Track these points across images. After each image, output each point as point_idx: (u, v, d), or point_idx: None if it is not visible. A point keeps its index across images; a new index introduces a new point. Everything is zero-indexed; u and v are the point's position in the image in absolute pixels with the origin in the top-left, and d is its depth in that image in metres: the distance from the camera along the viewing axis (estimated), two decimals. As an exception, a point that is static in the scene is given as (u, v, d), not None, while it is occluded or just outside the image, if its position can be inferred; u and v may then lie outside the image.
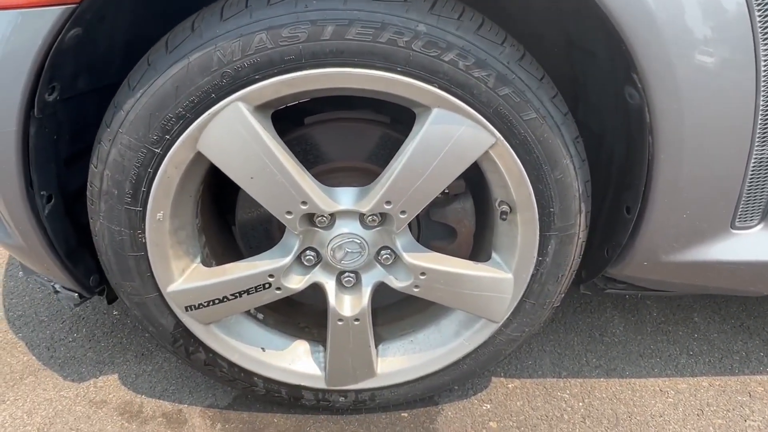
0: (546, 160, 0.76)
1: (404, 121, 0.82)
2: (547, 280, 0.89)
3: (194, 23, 0.68)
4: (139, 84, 0.69)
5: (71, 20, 0.62)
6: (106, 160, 0.74)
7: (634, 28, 0.65)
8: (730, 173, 0.79)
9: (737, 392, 1.15)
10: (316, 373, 0.99)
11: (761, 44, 0.70)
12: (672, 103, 0.70)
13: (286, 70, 0.67)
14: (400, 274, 0.89)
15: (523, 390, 1.13)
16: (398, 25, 0.65)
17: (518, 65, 0.70)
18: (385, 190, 0.78)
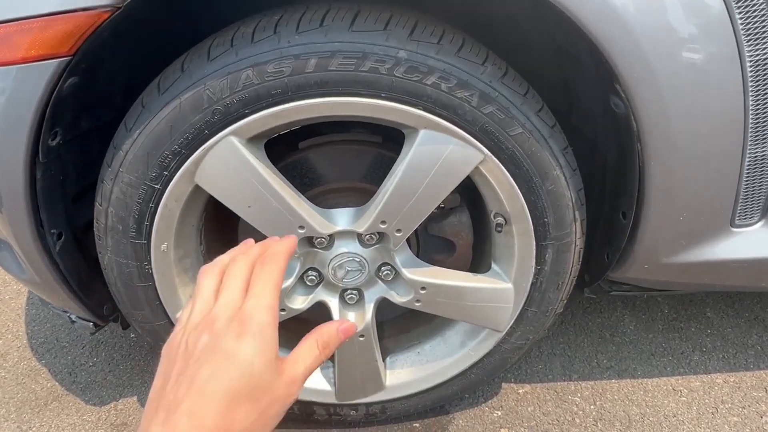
0: (536, 172, 0.77)
1: (397, 139, 0.84)
2: (547, 288, 0.89)
3: (183, 64, 0.70)
4: (135, 125, 0.72)
5: (67, 71, 0.65)
6: (109, 198, 0.77)
7: (611, 40, 0.65)
8: (725, 173, 0.79)
9: (752, 388, 1.14)
10: (326, 389, 1.01)
11: (745, 44, 0.69)
12: (657, 111, 0.70)
13: (273, 103, 0.69)
14: (401, 290, 0.91)
15: (534, 395, 1.14)
16: (379, 54, 0.67)
17: (501, 83, 0.71)
18: (379, 211, 0.79)
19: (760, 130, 0.75)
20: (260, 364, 0.38)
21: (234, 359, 0.38)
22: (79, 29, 0.61)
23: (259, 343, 0.39)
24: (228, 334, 0.39)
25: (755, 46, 0.70)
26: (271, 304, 0.41)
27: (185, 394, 0.37)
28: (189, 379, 0.37)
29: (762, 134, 0.76)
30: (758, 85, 0.72)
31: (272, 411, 0.39)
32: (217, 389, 0.37)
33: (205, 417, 0.36)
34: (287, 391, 0.40)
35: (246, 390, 0.37)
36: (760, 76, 0.72)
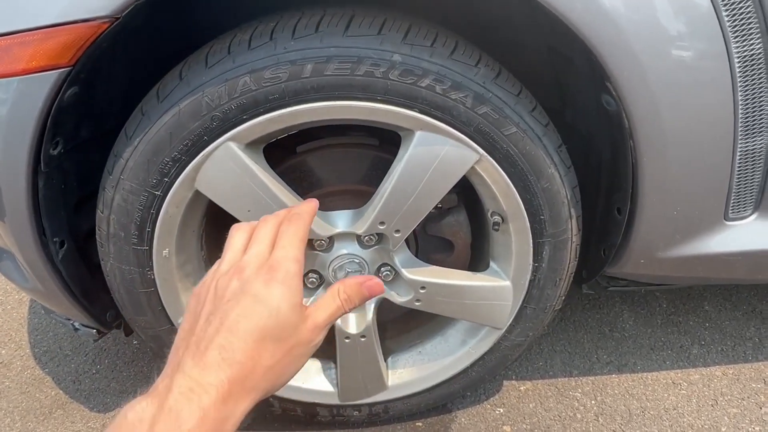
0: (531, 170, 0.78)
1: (394, 141, 0.85)
2: (545, 284, 0.90)
3: (182, 72, 0.71)
4: (135, 133, 0.73)
5: (67, 81, 0.66)
6: (111, 206, 0.78)
7: (601, 39, 0.66)
8: (717, 168, 0.80)
9: (751, 380, 1.15)
10: (329, 390, 1.02)
11: (732, 40, 0.71)
12: (648, 108, 0.71)
13: (271, 108, 0.70)
14: (401, 290, 0.92)
15: (536, 391, 1.15)
16: (374, 58, 0.68)
17: (494, 84, 0.73)
18: (378, 212, 0.80)
19: (750, 125, 0.77)
20: (286, 308, 0.41)
21: (262, 302, 0.41)
22: (79, 40, 0.62)
23: (286, 289, 0.41)
24: (257, 279, 0.42)
25: (742, 42, 0.72)
26: (296, 256, 0.44)
27: (216, 331, 0.39)
28: (219, 319, 0.40)
29: (752, 128, 0.77)
30: (747, 81, 0.74)
31: (296, 352, 0.42)
32: (247, 328, 0.39)
33: (235, 351, 0.39)
34: (310, 336, 0.43)
35: (273, 331, 0.40)
36: (748, 71, 0.73)
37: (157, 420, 0.36)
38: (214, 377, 0.38)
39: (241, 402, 0.39)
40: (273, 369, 0.40)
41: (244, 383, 0.39)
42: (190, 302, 0.44)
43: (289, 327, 0.41)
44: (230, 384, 0.38)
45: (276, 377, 0.41)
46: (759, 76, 0.74)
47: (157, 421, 0.36)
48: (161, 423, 0.36)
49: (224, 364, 0.38)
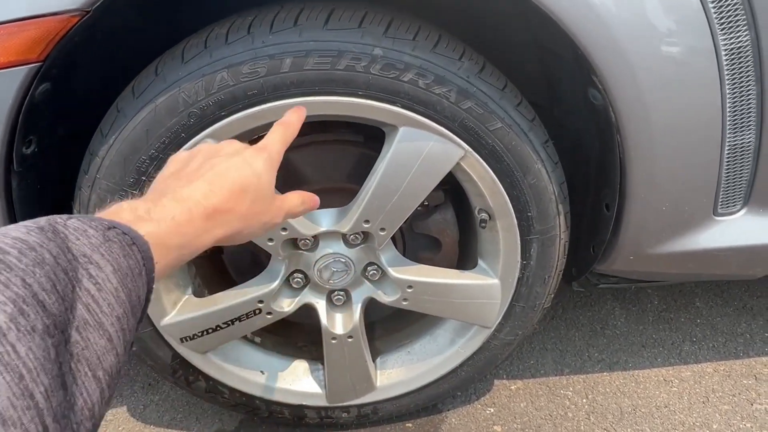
0: (517, 166, 0.76)
1: (379, 138, 0.84)
2: (534, 282, 0.89)
3: (157, 67, 0.70)
4: (111, 130, 0.71)
5: (38, 77, 0.64)
6: (87, 206, 0.76)
7: (586, 32, 0.65)
8: (706, 163, 0.79)
9: (742, 376, 1.14)
10: (317, 392, 1.00)
11: (719, 34, 0.70)
12: (635, 101, 0.70)
13: (250, 104, 0.68)
14: (388, 289, 0.90)
15: (526, 390, 1.14)
16: (354, 51, 0.66)
17: (478, 78, 0.71)
18: (362, 210, 0.79)
19: (738, 119, 0.76)
20: (267, 178, 0.49)
21: (250, 164, 0.48)
22: (48, 34, 0.60)
23: (268, 164, 0.49)
24: (248, 150, 0.50)
25: (729, 34, 0.71)
26: (279, 150, 0.53)
27: (206, 171, 0.46)
28: (209, 165, 0.47)
29: (740, 123, 0.76)
30: (734, 74, 0.73)
31: (261, 218, 0.49)
32: (234, 177, 0.46)
33: (221, 189, 0.45)
34: (275, 213, 0.51)
35: (253, 189, 0.47)
36: (735, 65, 0.72)
37: (150, 209, 0.41)
38: (202, 197, 0.44)
39: (219, 227, 0.45)
40: (246, 217, 0.47)
41: (224, 215, 0.45)
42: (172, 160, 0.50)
43: (265, 194, 0.48)
44: (214, 209, 0.44)
45: (245, 225, 0.47)
46: (746, 70, 0.73)
47: (150, 209, 0.41)
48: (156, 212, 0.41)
49: (210, 194, 0.44)
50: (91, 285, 0.32)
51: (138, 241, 0.37)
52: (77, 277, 0.32)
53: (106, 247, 0.34)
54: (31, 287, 0.29)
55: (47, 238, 0.32)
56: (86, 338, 0.31)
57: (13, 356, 0.26)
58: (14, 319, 0.27)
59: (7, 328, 0.27)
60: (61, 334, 0.29)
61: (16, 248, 0.30)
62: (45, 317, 0.28)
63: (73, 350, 0.30)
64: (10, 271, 0.28)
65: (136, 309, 0.36)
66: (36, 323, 0.28)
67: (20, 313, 0.27)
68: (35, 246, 0.31)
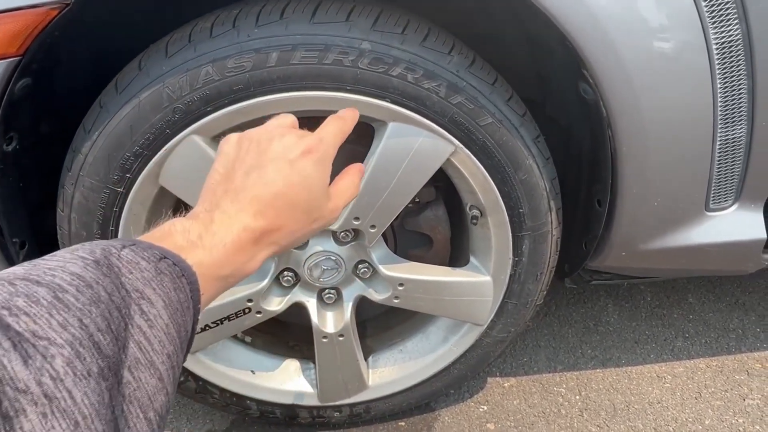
0: (508, 162, 0.76)
1: (371, 134, 0.83)
2: (526, 279, 0.89)
3: (141, 62, 0.68)
4: (93, 126, 0.69)
5: (18, 72, 0.63)
6: (71, 204, 0.74)
7: (577, 25, 0.64)
8: (697, 158, 0.79)
9: (735, 371, 1.14)
10: (308, 391, 0.99)
11: (710, 28, 0.69)
12: (626, 95, 0.69)
13: (236, 99, 0.67)
14: (379, 287, 0.90)
15: (520, 388, 1.13)
16: (342, 45, 0.65)
17: (468, 72, 0.70)
18: (352, 207, 0.78)
19: (730, 113, 0.75)
20: (318, 186, 0.45)
21: (299, 174, 0.44)
22: (27, 28, 0.59)
23: (321, 167, 0.45)
24: (298, 147, 0.45)
25: (720, 28, 0.70)
26: (335, 143, 0.48)
27: (253, 184, 0.43)
28: (258, 174, 0.43)
29: (731, 117, 0.76)
30: (725, 68, 0.72)
31: (314, 225, 0.46)
32: (282, 191, 0.43)
33: (270, 208, 0.42)
34: (330, 215, 0.47)
35: (303, 202, 0.44)
36: (726, 58, 0.72)
37: (202, 234, 0.39)
38: (251, 219, 0.41)
39: (265, 250, 0.43)
40: (294, 233, 0.44)
41: (270, 236, 0.43)
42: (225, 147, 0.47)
43: (316, 203, 0.45)
44: (262, 233, 0.42)
45: (294, 240, 0.45)
46: (738, 64, 0.73)
47: (203, 235, 0.39)
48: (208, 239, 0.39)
49: (259, 216, 0.42)
50: (143, 322, 0.32)
51: (187, 273, 0.36)
52: (130, 314, 0.31)
53: (158, 281, 0.34)
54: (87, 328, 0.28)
55: (103, 274, 0.31)
56: (138, 378, 0.30)
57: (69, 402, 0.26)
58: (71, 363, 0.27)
59: (65, 373, 0.26)
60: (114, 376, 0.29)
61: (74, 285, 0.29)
62: (100, 360, 0.28)
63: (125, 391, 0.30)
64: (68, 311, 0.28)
65: (184, 343, 0.35)
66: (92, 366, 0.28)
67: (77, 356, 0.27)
68: (92, 283, 0.30)
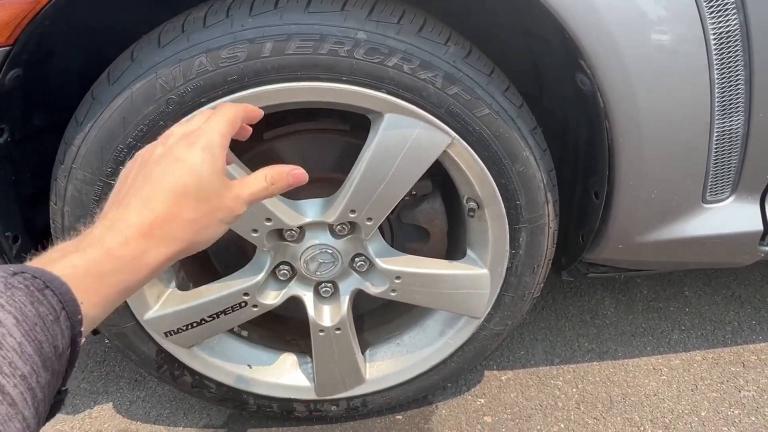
0: (505, 154, 0.75)
1: (365, 126, 0.82)
2: (523, 272, 0.88)
3: (133, 52, 0.67)
4: (86, 118, 0.68)
5: (7, 62, 0.62)
6: (64, 197, 0.73)
7: (575, 16, 0.64)
8: (694, 150, 0.78)
9: (731, 363, 1.15)
10: (305, 385, 0.99)
11: (708, 18, 0.69)
12: (623, 87, 0.69)
13: (230, 90, 0.66)
14: (376, 280, 0.89)
15: (517, 381, 1.13)
16: (337, 35, 0.65)
17: (465, 63, 0.70)
18: (348, 200, 0.77)
19: (727, 104, 0.75)
20: (208, 171, 0.43)
21: (183, 161, 0.43)
22: (16, 17, 0.58)
23: (207, 154, 0.44)
24: (180, 144, 0.44)
25: (718, 19, 0.70)
26: (222, 131, 0.46)
27: (140, 187, 0.42)
28: (143, 177, 0.43)
29: (728, 107, 0.76)
30: (723, 59, 0.72)
31: (217, 216, 0.44)
32: (169, 183, 0.42)
33: (156, 202, 0.41)
34: (232, 204, 0.45)
35: (193, 189, 0.42)
36: (724, 49, 0.71)
37: (80, 242, 0.38)
38: (136, 216, 0.40)
39: (164, 244, 0.41)
40: (195, 222, 0.42)
41: (164, 228, 0.41)
42: (120, 176, 0.47)
43: (211, 189, 0.43)
44: (151, 225, 0.40)
45: (196, 232, 0.43)
46: (735, 54, 0.72)
47: (80, 242, 0.38)
48: (85, 243, 0.38)
49: (145, 210, 0.41)
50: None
51: (53, 284, 0.34)
52: None
53: (7, 296, 0.31)
54: None
55: None
56: None
57: None
58: None
59: None
60: None
61: None
62: None
63: None
64: None
65: (52, 360, 0.33)
66: None
67: None
68: None
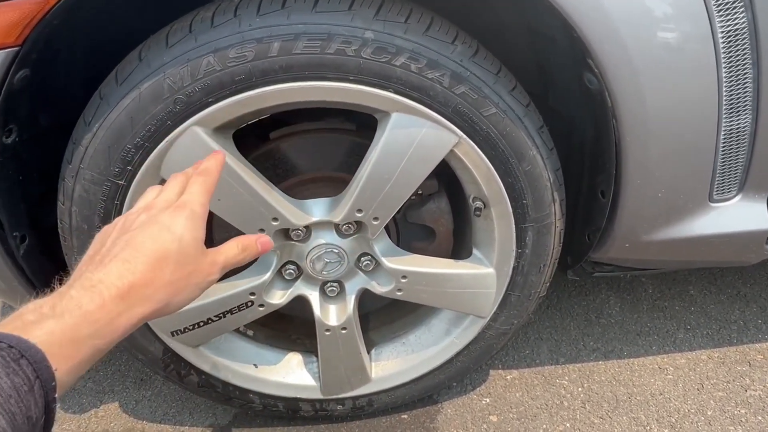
0: (512, 153, 0.75)
1: (372, 126, 0.82)
2: (529, 271, 0.88)
3: (141, 53, 0.67)
4: (94, 118, 0.69)
5: (16, 62, 0.62)
6: (72, 197, 0.74)
7: (582, 14, 0.64)
8: (701, 148, 0.78)
9: (737, 362, 1.15)
10: (311, 384, 0.99)
11: (716, 17, 0.69)
12: (631, 86, 0.69)
13: (238, 90, 0.66)
14: (382, 280, 0.89)
15: (522, 380, 1.13)
16: (345, 35, 0.65)
17: (472, 62, 0.70)
18: (355, 199, 0.77)
19: (735, 102, 0.75)
20: (189, 238, 0.46)
21: (167, 229, 0.46)
22: (25, 17, 0.58)
23: (189, 222, 0.47)
24: (165, 212, 0.47)
25: (726, 17, 0.70)
26: (202, 201, 0.50)
27: (121, 249, 0.44)
28: (125, 240, 0.44)
29: (736, 106, 0.75)
30: (730, 57, 0.72)
31: (194, 280, 0.47)
32: (151, 247, 0.44)
33: (137, 264, 0.43)
34: (209, 270, 0.48)
35: (174, 254, 0.45)
36: (732, 47, 0.71)
37: (56, 304, 0.38)
38: (116, 278, 0.41)
39: (139, 305, 0.42)
40: (172, 285, 0.44)
41: (143, 290, 0.42)
42: (96, 238, 0.48)
43: (189, 255, 0.46)
44: (130, 287, 0.42)
45: (173, 293, 0.45)
46: (743, 52, 0.72)
47: (56, 304, 0.38)
48: (61, 305, 0.38)
49: (126, 272, 0.42)
50: None
51: (28, 353, 0.34)
52: None
53: None
54: None
55: None
56: None
57: None
58: None
59: None
60: None
61: None
62: None
63: None
64: None
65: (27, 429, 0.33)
66: None
67: None
68: None
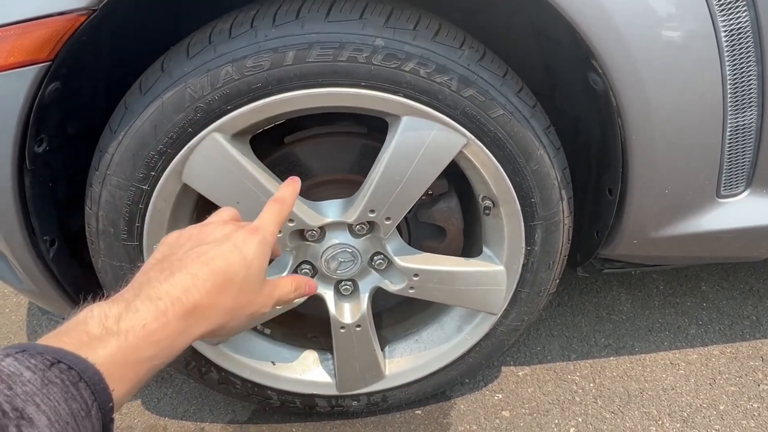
0: (519, 153, 0.77)
1: (382, 129, 0.85)
2: (538, 268, 0.90)
3: (163, 63, 0.71)
4: (119, 127, 0.72)
5: (48, 76, 0.66)
6: (99, 202, 0.77)
7: (585, 16, 0.66)
8: (707, 145, 0.79)
9: (749, 357, 1.15)
10: (327, 381, 1.02)
11: (718, 14, 0.70)
12: (635, 85, 0.70)
13: (255, 98, 0.70)
14: (395, 278, 0.92)
15: (534, 376, 1.15)
16: (356, 43, 0.67)
17: (479, 65, 0.72)
18: (367, 200, 0.80)
19: (739, 99, 0.76)
20: (257, 265, 0.46)
21: (240, 252, 0.45)
22: (57, 34, 0.62)
23: (261, 249, 0.46)
24: (239, 233, 0.46)
25: (728, 15, 0.71)
26: (273, 230, 0.49)
27: (192, 261, 0.43)
28: (197, 252, 0.44)
29: (741, 103, 0.76)
30: (734, 55, 0.73)
31: (249, 310, 0.46)
32: (221, 267, 0.43)
33: (205, 282, 0.42)
34: (264, 302, 0.47)
35: (240, 280, 0.44)
36: (735, 45, 0.73)
37: (121, 316, 0.38)
38: (182, 292, 0.41)
39: (198, 326, 0.42)
40: (231, 311, 0.44)
41: (205, 311, 0.42)
42: (163, 241, 0.48)
43: (253, 283, 0.45)
44: (194, 307, 0.41)
45: (229, 319, 0.44)
46: (746, 50, 0.74)
47: (121, 317, 0.38)
48: (126, 321, 0.38)
49: (194, 289, 0.41)
50: None
51: (86, 374, 0.33)
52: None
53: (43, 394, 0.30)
54: None
55: None
56: None
57: None
58: None
59: None
60: None
61: None
62: None
63: None
64: None
65: None
66: None
67: None
68: None
